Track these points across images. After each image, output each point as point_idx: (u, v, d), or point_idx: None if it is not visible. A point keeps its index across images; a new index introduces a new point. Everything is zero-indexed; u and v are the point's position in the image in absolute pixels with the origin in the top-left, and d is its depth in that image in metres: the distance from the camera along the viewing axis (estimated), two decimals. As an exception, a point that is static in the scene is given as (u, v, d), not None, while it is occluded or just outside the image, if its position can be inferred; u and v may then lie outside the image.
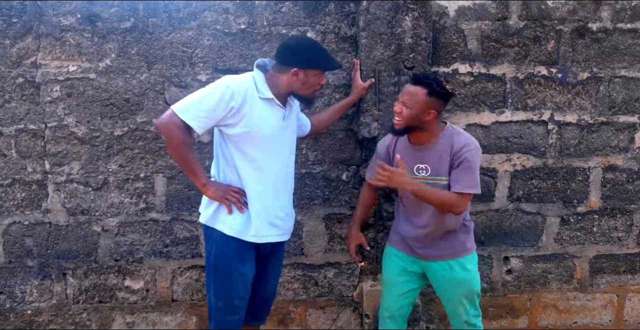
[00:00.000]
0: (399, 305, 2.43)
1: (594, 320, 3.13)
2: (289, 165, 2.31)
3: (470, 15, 2.83)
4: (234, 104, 2.08)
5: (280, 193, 2.25)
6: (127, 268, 2.89)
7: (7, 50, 2.71)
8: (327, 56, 2.24)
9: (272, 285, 2.42)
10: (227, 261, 2.19)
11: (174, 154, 2.16)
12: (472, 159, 2.16)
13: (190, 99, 2.10)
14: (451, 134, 2.23)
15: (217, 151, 2.25)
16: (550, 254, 3.05)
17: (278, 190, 2.24)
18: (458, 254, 2.29)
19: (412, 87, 2.17)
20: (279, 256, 2.41)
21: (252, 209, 2.18)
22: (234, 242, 2.19)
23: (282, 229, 2.28)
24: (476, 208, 2.95)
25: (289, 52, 2.18)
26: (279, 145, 2.22)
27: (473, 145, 2.19)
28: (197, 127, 2.08)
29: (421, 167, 2.25)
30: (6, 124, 2.75)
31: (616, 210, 3.05)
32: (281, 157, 2.24)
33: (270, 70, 2.22)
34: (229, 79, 2.15)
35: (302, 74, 2.16)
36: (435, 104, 2.16)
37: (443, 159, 2.20)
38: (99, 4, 2.71)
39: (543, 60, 2.89)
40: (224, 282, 2.20)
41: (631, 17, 2.91)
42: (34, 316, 2.89)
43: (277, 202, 2.24)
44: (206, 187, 2.16)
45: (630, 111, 2.98)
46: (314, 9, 2.79)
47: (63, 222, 2.83)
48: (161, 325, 2.94)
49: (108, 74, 2.75)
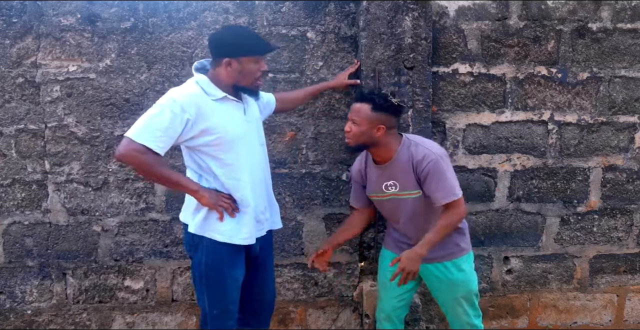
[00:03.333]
0: (394, 307, 2.43)
1: (594, 320, 3.13)
2: (262, 156, 2.27)
3: (470, 15, 2.83)
4: (188, 116, 2.00)
5: (259, 187, 2.21)
6: (127, 268, 2.89)
7: (7, 50, 2.71)
8: (257, 40, 2.13)
9: (270, 286, 2.40)
10: (220, 268, 2.15)
11: (150, 177, 2.13)
12: (434, 169, 2.14)
13: (141, 122, 2.01)
14: (408, 146, 2.21)
15: (191, 166, 2.18)
16: (550, 254, 3.05)
17: (257, 185, 2.19)
18: (452, 256, 2.29)
19: (358, 105, 2.20)
20: (269, 256, 2.37)
21: (241, 212, 2.15)
22: (224, 247, 2.13)
23: (265, 222, 2.26)
24: (476, 208, 2.95)
25: (217, 44, 2.09)
26: (248, 141, 2.17)
27: (432, 156, 2.16)
28: (157, 148, 1.99)
29: (389, 183, 2.25)
30: (6, 124, 2.75)
31: (616, 210, 3.05)
32: (253, 151, 2.20)
33: (210, 69, 2.14)
34: (174, 93, 2.06)
35: (235, 63, 2.06)
36: (382, 119, 2.17)
37: (407, 173, 2.20)
38: (99, 4, 2.71)
39: (543, 60, 2.89)
40: (218, 290, 2.16)
41: (631, 17, 2.91)
42: (34, 316, 2.89)
43: (260, 198, 2.22)
44: (199, 193, 2.09)
45: (630, 111, 2.98)
46: (314, 9, 2.79)
47: (63, 222, 2.83)
48: (161, 325, 2.94)
49: (108, 74, 2.75)
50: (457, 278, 2.29)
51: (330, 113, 2.86)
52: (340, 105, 2.85)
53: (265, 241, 2.30)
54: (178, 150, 2.79)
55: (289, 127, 2.85)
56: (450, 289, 2.31)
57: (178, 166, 2.79)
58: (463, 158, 2.91)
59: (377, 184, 2.28)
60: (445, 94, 2.86)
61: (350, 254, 2.94)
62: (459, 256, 2.30)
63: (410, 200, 2.23)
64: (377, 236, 2.79)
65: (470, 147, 2.92)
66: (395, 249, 2.39)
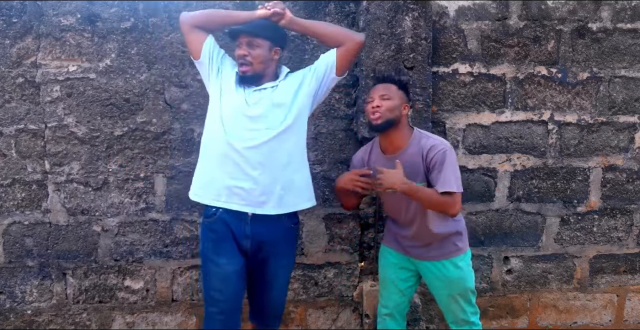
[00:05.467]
0: (396, 303, 2.44)
1: (594, 320, 3.13)
2: (265, 140, 2.15)
3: (470, 15, 2.83)
4: (222, 53, 2.37)
5: (243, 165, 2.13)
6: (127, 268, 2.89)
7: (7, 50, 2.71)
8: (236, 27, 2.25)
9: (275, 288, 2.32)
10: (205, 253, 2.21)
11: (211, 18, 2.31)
12: (442, 159, 2.16)
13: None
14: (419, 138, 2.24)
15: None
16: (550, 254, 3.05)
17: (226, 160, 2.14)
18: (450, 254, 2.30)
19: (382, 85, 2.26)
20: (279, 261, 2.27)
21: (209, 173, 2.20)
22: (210, 233, 2.19)
23: (247, 200, 2.14)
24: (476, 208, 2.95)
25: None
26: (238, 119, 2.23)
27: (441, 147, 2.19)
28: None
29: None
30: (6, 124, 2.75)
31: (616, 210, 3.05)
32: (244, 127, 2.19)
33: None
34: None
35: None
36: (406, 99, 2.25)
37: (416, 164, 2.21)
38: (99, 4, 2.71)
39: (543, 60, 2.89)
40: (204, 274, 2.23)
41: (631, 17, 2.91)
42: (34, 316, 2.89)
43: (236, 172, 2.14)
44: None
45: (630, 111, 2.98)
46: (314, 9, 2.79)
47: (63, 222, 2.83)
48: (161, 325, 2.94)
49: (108, 74, 2.75)
50: (453, 275, 2.30)
51: (330, 113, 2.86)
52: (340, 105, 2.86)
53: (267, 240, 2.21)
54: (176, 151, 2.80)
55: (289, 127, 2.85)
56: (447, 285, 2.32)
57: (178, 166, 2.80)
58: (463, 158, 2.91)
59: None
60: (445, 94, 2.86)
61: (350, 254, 2.95)
62: (456, 255, 2.31)
63: None
64: (377, 236, 2.80)
65: (470, 147, 2.92)
66: (395, 244, 2.39)
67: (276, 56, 2.26)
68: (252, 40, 2.19)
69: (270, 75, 2.26)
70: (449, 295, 2.33)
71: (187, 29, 2.31)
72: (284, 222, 2.23)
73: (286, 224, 2.24)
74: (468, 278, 2.33)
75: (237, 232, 2.17)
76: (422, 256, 2.32)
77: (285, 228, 2.25)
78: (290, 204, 2.21)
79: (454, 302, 2.34)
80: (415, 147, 2.22)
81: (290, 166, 2.19)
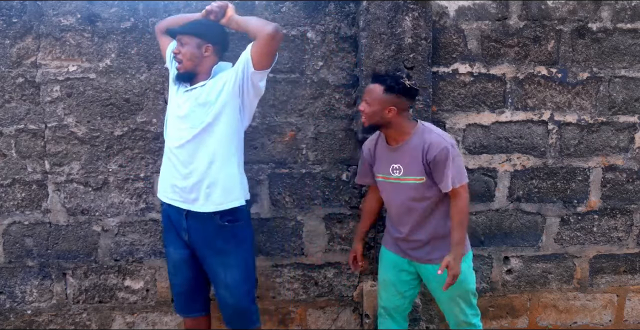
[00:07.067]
0: (396, 305, 2.44)
1: (594, 320, 3.13)
2: (191, 136, 2.25)
3: (470, 15, 2.83)
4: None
5: (176, 164, 2.30)
6: (127, 268, 2.89)
7: (7, 50, 2.71)
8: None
9: (222, 290, 2.33)
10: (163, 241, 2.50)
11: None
12: (446, 157, 2.16)
13: None
14: (422, 132, 2.24)
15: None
16: (550, 254, 3.05)
17: (172, 158, 2.31)
18: None
19: (371, 85, 2.23)
20: (218, 259, 2.31)
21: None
22: (163, 225, 2.48)
23: (183, 197, 2.29)
24: (476, 208, 2.95)
25: None
26: (177, 117, 2.35)
27: (444, 143, 2.18)
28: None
29: (395, 167, 2.27)
30: (6, 124, 2.75)
31: (616, 210, 3.05)
32: (180, 127, 2.31)
33: None
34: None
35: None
36: (394, 101, 2.18)
37: (415, 158, 2.21)
38: (99, 4, 2.71)
39: (543, 60, 2.89)
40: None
41: (631, 17, 2.91)
42: (34, 316, 2.89)
43: (176, 169, 2.29)
44: None
45: (630, 111, 2.98)
46: (314, 9, 2.79)
47: (63, 222, 2.83)
48: (161, 325, 2.94)
49: (108, 74, 2.75)
50: None
51: (330, 113, 2.86)
52: (340, 105, 2.86)
53: (201, 236, 2.29)
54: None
55: (289, 127, 2.85)
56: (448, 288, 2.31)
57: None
58: (463, 158, 2.90)
59: (385, 165, 2.30)
60: (445, 93, 2.86)
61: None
62: None
63: (409, 186, 2.24)
64: (377, 236, 2.79)
65: (470, 147, 2.92)
66: (393, 247, 2.40)
67: (207, 53, 2.27)
68: (181, 38, 2.27)
69: (205, 73, 2.30)
70: (449, 298, 2.33)
71: (158, 36, 2.54)
72: (215, 220, 2.27)
73: (218, 222, 2.27)
74: (469, 280, 2.33)
75: (177, 226, 2.35)
76: (422, 259, 2.31)
77: (217, 226, 2.27)
78: (217, 202, 2.26)
79: (454, 304, 2.34)
80: (417, 141, 2.22)
81: (215, 165, 2.24)
